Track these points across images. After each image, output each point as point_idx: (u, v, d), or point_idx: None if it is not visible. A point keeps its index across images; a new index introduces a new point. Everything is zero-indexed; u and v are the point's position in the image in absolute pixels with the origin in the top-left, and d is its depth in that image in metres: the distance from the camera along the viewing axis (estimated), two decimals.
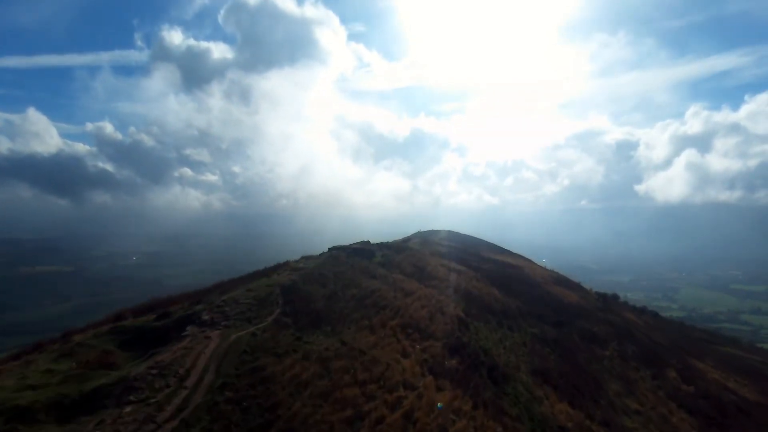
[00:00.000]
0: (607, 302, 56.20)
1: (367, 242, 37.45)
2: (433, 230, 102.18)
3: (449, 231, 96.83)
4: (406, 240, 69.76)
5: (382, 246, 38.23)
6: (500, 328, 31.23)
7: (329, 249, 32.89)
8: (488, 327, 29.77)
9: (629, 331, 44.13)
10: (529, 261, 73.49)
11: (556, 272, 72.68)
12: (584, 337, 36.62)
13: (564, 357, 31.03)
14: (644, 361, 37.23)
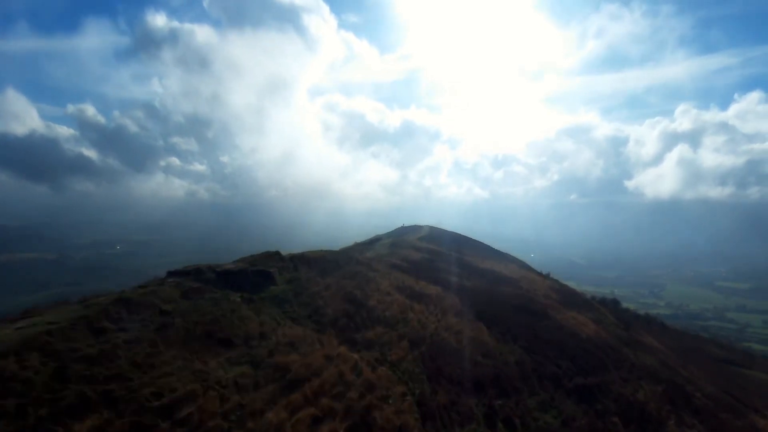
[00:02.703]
0: (629, 326, 40.86)
1: (274, 254, 21.12)
2: (415, 226, 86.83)
3: (432, 227, 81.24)
4: (374, 241, 53.80)
5: (301, 261, 21.86)
6: (490, 430, 15.51)
7: (168, 273, 16.75)
8: None
9: (677, 384, 28.95)
10: (526, 267, 57.91)
11: (557, 281, 57.27)
12: (630, 418, 21.23)
13: None
14: None
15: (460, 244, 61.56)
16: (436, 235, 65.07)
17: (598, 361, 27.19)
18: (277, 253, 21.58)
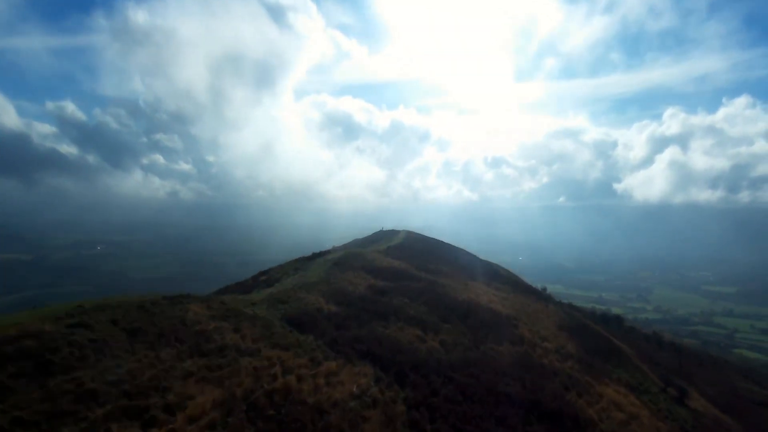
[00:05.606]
0: (684, 392, 26.09)
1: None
2: (392, 231, 72.15)
3: (409, 232, 66.23)
4: (316, 256, 38.36)
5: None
6: None
7: None
8: None
9: None
10: (521, 288, 42.69)
11: (565, 309, 42.27)
12: None
13: None
14: None
15: (437, 257, 46.37)
16: (410, 245, 49.88)
17: None
18: None
